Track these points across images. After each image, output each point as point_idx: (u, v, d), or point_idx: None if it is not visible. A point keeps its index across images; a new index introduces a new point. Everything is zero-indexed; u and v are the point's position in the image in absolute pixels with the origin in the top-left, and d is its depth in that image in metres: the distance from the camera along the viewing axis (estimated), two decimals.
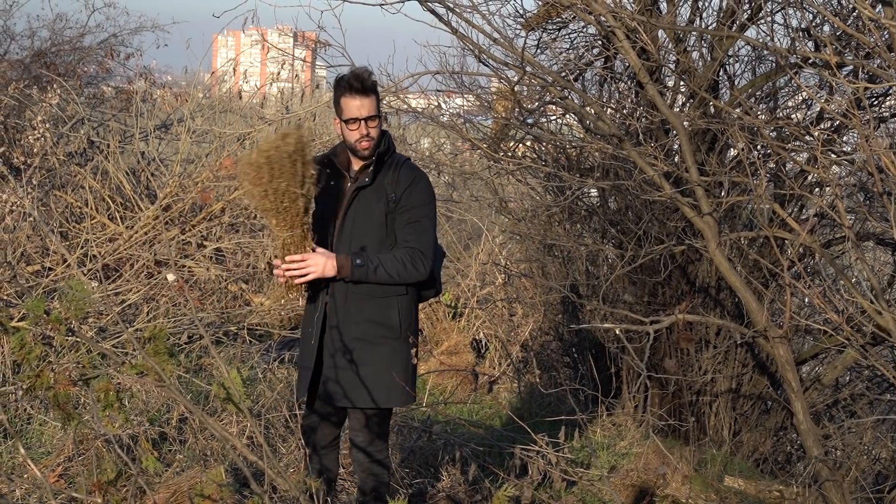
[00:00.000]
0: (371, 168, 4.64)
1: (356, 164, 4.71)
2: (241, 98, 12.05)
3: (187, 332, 7.47)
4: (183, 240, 8.77)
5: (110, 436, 5.15)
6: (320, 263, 4.51)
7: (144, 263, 8.28)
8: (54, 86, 9.73)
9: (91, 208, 8.76)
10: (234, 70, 12.27)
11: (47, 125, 9.05)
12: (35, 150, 8.94)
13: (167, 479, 5.27)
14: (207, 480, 3.85)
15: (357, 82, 4.58)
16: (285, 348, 7.70)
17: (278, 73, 11.74)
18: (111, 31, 12.98)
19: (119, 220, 8.81)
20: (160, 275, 8.05)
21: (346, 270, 4.53)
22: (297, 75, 12.83)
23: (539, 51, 8.83)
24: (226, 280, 8.71)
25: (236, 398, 3.63)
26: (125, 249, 8.44)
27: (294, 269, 4.50)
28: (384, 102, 8.91)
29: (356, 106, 4.57)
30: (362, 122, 4.58)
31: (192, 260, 8.68)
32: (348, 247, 4.62)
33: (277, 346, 7.79)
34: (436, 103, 9.55)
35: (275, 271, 4.60)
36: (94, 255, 8.24)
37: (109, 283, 7.94)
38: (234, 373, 3.73)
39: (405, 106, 9.17)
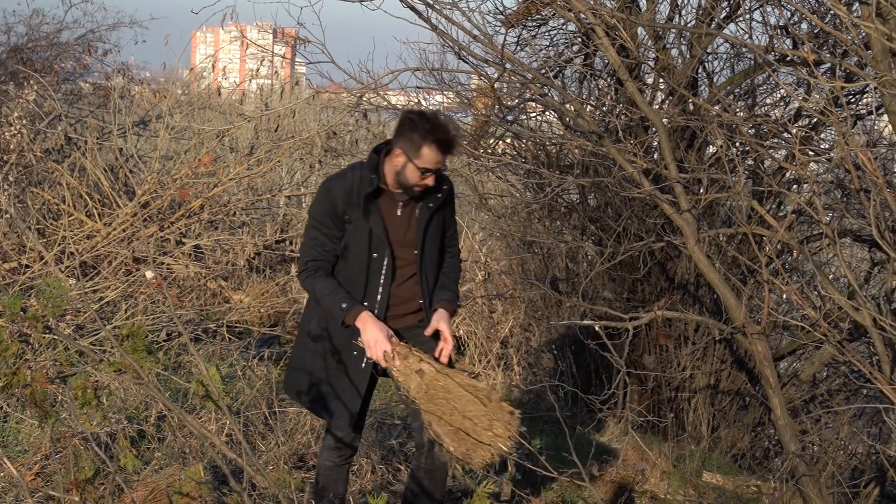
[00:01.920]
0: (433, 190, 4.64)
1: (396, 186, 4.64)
2: (220, 95, 12.02)
3: (166, 329, 7.43)
4: (161, 237, 8.74)
5: (88, 433, 5.12)
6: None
7: (123, 261, 8.24)
8: (31, 82, 9.67)
9: (68, 205, 8.71)
10: (213, 66, 12.22)
11: (24, 121, 9.00)
12: (12, 146, 8.88)
13: (145, 476, 5.24)
14: (186, 478, 3.85)
15: (448, 143, 4.50)
16: (264, 345, 7.68)
17: (257, 70, 11.70)
18: (88, 27, 12.89)
19: (97, 217, 8.76)
20: (138, 272, 8.01)
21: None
22: (276, 72, 12.80)
23: (519, 48, 8.84)
24: (205, 277, 8.68)
25: (215, 395, 3.63)
26: (103, 246, 8.40)
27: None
28: (364, 100, 8.91)
29: (436, 161, 4.49)
30: (432, 173, 4.56)
31: (171, 257, 8.64)
32: (430, 265, 4.66)
33: (257, 343, 7.77)
34: (416, 100, 9.55)
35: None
36: (72, 253, 8.20)
37: (87, 281, 7.90)
38: (213, 370, 3.73)
39: (385, 103, 9.17)
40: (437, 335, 4.55)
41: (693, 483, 6.66)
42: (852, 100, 8.15)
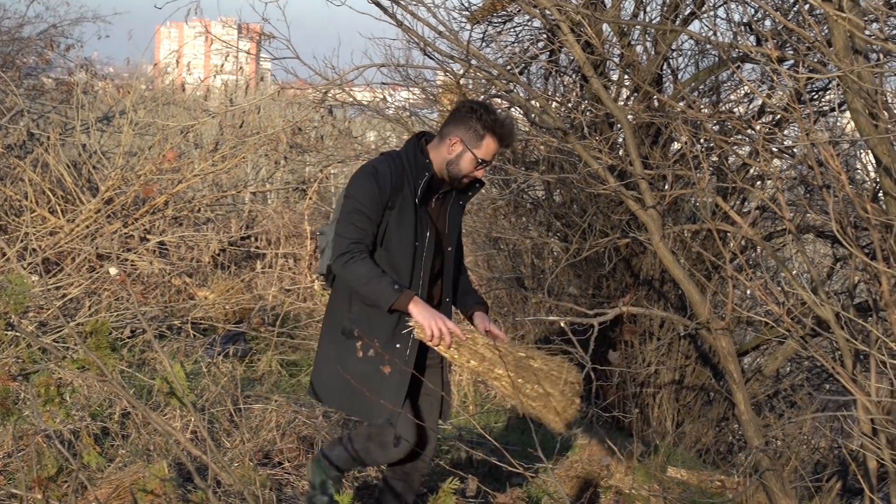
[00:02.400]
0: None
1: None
2: (184, 90, 11.94)
3: (130, 326, 7.39)
4: (125, 233, 8.68)
5: (51, 431, 5.08)
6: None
7: (86, 257, 8.19)
8: None
9: (31, 201, 8.63)
10: (178, 62, 12.16)
11: None
12: None
13: (109, 474, 5.21)
14: (150, 475, 3.83)
15: (509, 137, 4.48)
16: (230, 342, 7.65)
17: (222, 66, 11.65)
18: (51, 22, 12.83)
19: (60, 213, 8.70)
20: (102, 268, 7.96)
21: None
22: (241, 68, 12.75)
23: (484, 44, 8.85)
24: (169, 274, 8.63)
25: (180, 392, 3.61)
26: (66, 243, 8.34)
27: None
28: (329, 96, 8.89)
29: (493, 153, 4.46)
30: (485, 165, 4.52)
31: (135, 253, 8.59)
32: (453, 264, 4.59)
33: (222, 340, 7.73)
34: (381, 96, 9.54)
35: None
36: (35, 249, 8.13)
37: (50, 277, 7.84)
38: (178, 367, 3.71)
39: (351, 99, 9.15)
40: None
41: (657, 478, 6.69)
42: (815, 96, 8.22)
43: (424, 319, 4.22)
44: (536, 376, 4.33)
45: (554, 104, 8.41)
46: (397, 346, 4.38)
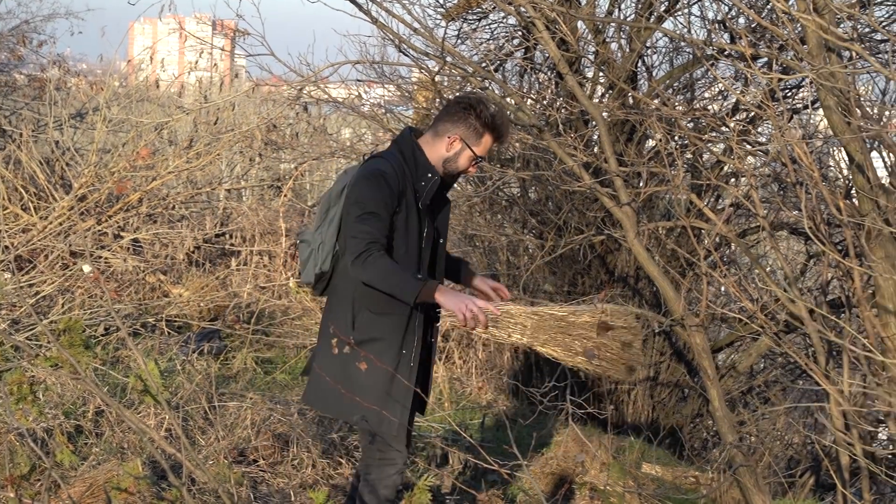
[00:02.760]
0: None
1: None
2: (158, 87, 11.89)
3: (104, 323, 7.35)
4: (99, 230, 8.63)
5: (24, 429, 5.05)
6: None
7: (59, 254, 8.13)
8: None
9: (3, 198, 8.57)
10: (151, 58, 12.10)
11: None
12: None
13: (83, 472, 5.18)
14: (124, 473, 3.81)
15: (505, 133, 4.43)
16: (204, 339, 7.62)
17: (196, 62, 11.61)
18: (23, 18, 12.75)
19: (33, 210, 8.63)
20: (75, 266, 7.92)
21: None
22: (215, 64, 12.71)
23: (459, 41, 8.86)
24: (143, 271, 8.59)
25: (154, 390, 3.59)
26: (39, 240, 8.28)
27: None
28: (304, 92, 8.87)
29: (490, 149, 4.44)
30: (481, 162, 4.48)
31: (109, 251, 8.54)
32: (443, 248, 4.53)
33: (196, 337, 7.70)
34: (357, 93, 9.53)
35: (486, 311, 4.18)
36: (7, 246, 8.07)
37: (23, 275, 7.78)
38: (152, 364, 3.69)
39: (326, 96, 9.13)
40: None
41: (632, 474, 6.71)
42: (789, 94, 8.26)
43: (455, 305, 4.09)
44: (584, 331, 4.27)
45: (529, 101, 8.43)
46: (404, 351, 4.29)
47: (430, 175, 4.32)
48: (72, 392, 6.02)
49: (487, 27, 9.08)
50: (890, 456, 4.89)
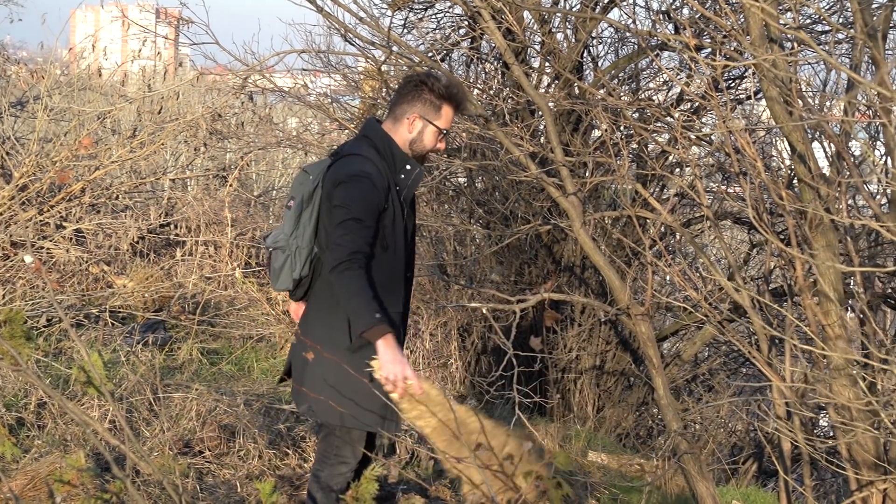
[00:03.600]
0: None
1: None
2: (100, 75, 11.74)
3: (46, 314, 7.27)
4: (41, 221, 8.52)
5: None
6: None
7: (0, 245, 8.02)
8: None
9: None
10: (94, 46, 11.95)
11: None
12: None
13: (25, 465, 5.13)
14: (67, 466, 3.77)
15: (464, 100, 4.36)
16: (149, 330, 7.56)
17: (140, 51, 11.48)
18: None
19: None
20: (17, 256, 7.81)
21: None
22: (159, 53, 12.57)
23: (406, 30, 8.84)
24: (87, 262, 8.50)
25: (97, 382, 3.55)
26: None
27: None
28: (249, 82, 8.81)
29: (452, 118, 4.33)
30: (445, 135, 4.40)
31: (51, 241, 8.44)
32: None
33: (141, 328, 7.64)
34: (302, 83, 9.48)
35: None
36: None
37: None
38: (95, 356, 3.65)
39: (271, 85, 9.08)
40: None
41: (578, 462, 6.75)
42: (732, 84, 8.34)
43: (388, 361, 3.97)
44: (492, 450, 3.99)
45: (476, 91, 8.43)
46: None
47: (408, 167, 4.26)
48: (13, 384, 5.95)
49: (434, 17, 9.07)
50: (830, 442, 4.97)
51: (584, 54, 8.63)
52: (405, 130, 4.29)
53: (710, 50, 6.61)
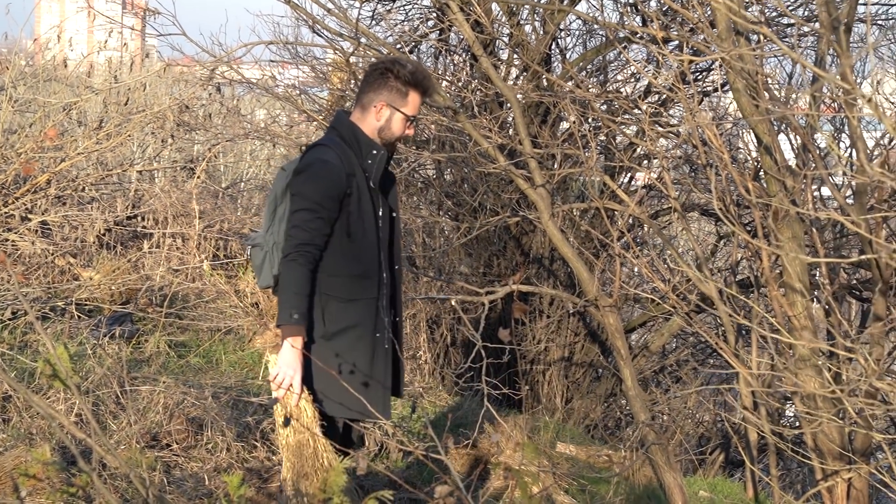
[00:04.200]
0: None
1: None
2: (66, 66, 11.64)
3: (11, 307, 7.20)
4: (6, 213, 8.45)
5: None
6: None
7: None
8: None
9: None
10: (59, 37, 11.85)
11: None
12: None
13: None
14: (32, 459, 3.74)
15: (430, 85, 4.34)
16: (116, 323, 7.51)
17: (106, 42, 11.38)
18: None
19: None
20: None
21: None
22: (125, 44, 12.49)
23: (374, 22, 8.82)
24: (52, 254, 8.43)
25: (63, 375, 3.53)
26: None
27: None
28: (216, 73, 8.77)
29: (419, 104, 4.33)
30: (414, 121, 4.39)
31: (16, 233, 8.37)
32: (398, 222, 4.43)
33: (108, 321, 7.59)
34: (270, 74, 9.44)
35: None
36: None
37: None
38: (61, 348, 3.62)
39: (239, 77, 9.03)
40: None
41: (547, 454, 6.77)
42: (699, 77, 8.37)
43: (283, 362, 4.01)
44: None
45: (444, 83, 8.42)
46: (377, 335, 4.24)
47: (374, 152, 4.25)
48: None
49: (402, 8, 9.06)
50: (796, 432, 5.02)
51: (553, 46, 8.64)
52: (373, 119, 4.29)
53: (677, 42, 6.64)
